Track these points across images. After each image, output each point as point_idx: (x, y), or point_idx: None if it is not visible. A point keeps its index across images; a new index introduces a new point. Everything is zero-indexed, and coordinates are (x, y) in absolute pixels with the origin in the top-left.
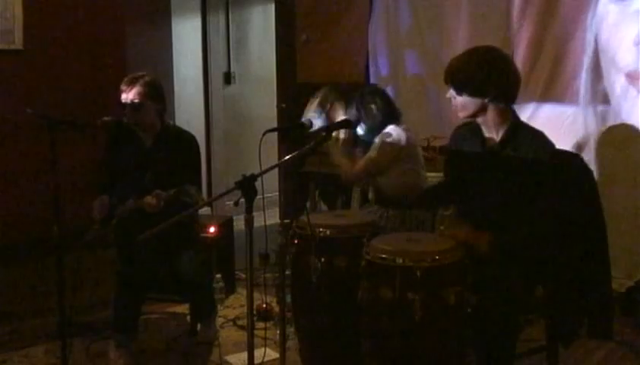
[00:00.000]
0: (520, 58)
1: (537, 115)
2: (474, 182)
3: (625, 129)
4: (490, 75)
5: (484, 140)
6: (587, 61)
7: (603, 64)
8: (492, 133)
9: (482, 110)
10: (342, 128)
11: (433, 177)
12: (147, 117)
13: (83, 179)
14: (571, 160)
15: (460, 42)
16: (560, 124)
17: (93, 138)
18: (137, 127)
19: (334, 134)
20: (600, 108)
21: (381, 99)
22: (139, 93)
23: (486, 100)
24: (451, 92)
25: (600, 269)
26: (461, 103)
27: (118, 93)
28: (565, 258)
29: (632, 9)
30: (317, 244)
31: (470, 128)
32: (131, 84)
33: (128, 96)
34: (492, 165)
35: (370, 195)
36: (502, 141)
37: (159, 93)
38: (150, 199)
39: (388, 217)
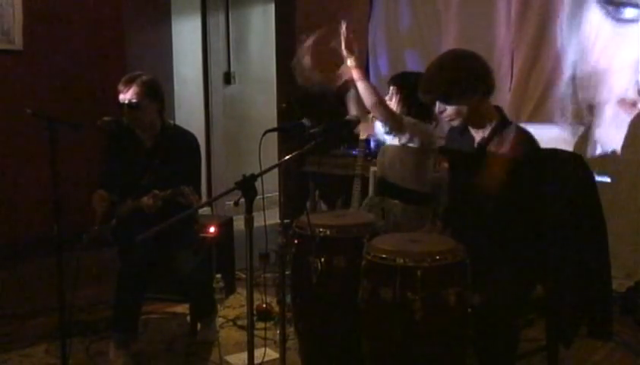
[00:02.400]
0: (517, 65)
1: None
2: (465, 180)
3: (625, 129)
4: (471, 68)
5: (473, 138)
6: (565, 80)
7: (586, 83)
8: (479, 132)
9: (475, 111)
10: (342, 128)
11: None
12: (146, 117)
13: (83, 180)
14: (571, 160)
15: (460, 42)
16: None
17: (93, 138)
18: (137, 127)
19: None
20: (578, 127)
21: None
22: (136, 93)
23: (476, 97)
24: (439, 106)
25: (600, 269)
26: (456, 111)
27: (117, 92)
28: (566, 257)
29: (632, 31)
30: (317, 244)
31: (460, 129)
32: (129, 83)
33: (126, 96)
34: (480, 162)
35: (372, 187)
36: (488, 138)
37: (157, 93)
38: (146, 200)
39: (390, 209)
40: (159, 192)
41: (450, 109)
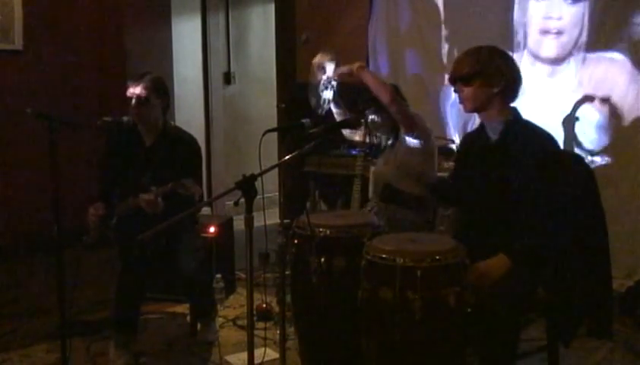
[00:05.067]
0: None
1: None
2: (476, 180)
3: (626, 130)
4: (500, 65)
5: (488, 138)
6: None
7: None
8: (494, 131)
9: (488, 103)
10: (343, 128)
11: None
12: (152, 113)
13: (83, 180)
14: (572, 160)
15: (460, 42)
16: None
17: (93, 138)
18: (141, 123)
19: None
20: None
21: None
22: (145, 89)
23: (495, 90)
24: (458, 85)
25: (600, 269)
26: (471, 94)
27: (121, 91)
28: (566, 257)
29: None
30: (317, 244)
31: (478, 131)
32: (138, 79)
33: (135, 91)
34: (491, 162)
35: (370, 192)
36: (500, 137)
37: (164, 91)
38: (146, 196)
39: (397, 220)
40: (156, 187)
41: (467, 91)
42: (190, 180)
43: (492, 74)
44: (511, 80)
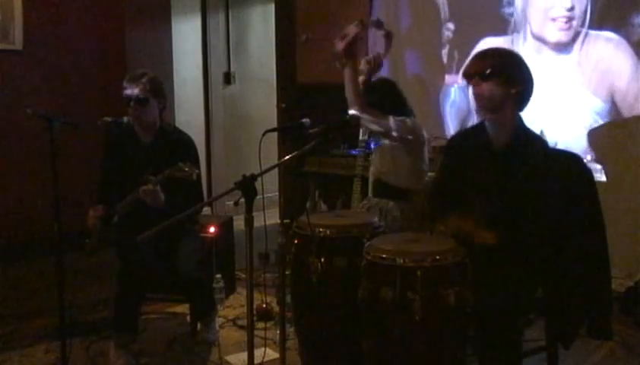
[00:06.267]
0: None
1: None
2: (478, 184)
3: (627, 129)
4: (521, 68)
5: (490, 142)
6: None
7: None
8: (499, 135)
9: (502, 104)
10: (342, 128)
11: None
12: (151, 113)
13: (83, 180)
14: (571, 160)
15: (460, 42)
16: None
17: (93, 138)
18: (139, 123)
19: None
20: None
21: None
22: (144, 89)
23: (513, 91)
24: (476, 80)
25: (600, 269)
26: (487, 90)
27: (120, 90)
28: (565, 258)
29: None
30: (317, 244)
31: (475, 131)
32: (136, 80)
33: (134, 91)
34: (498, 167)
35: (370, 190)
36: (509, 143)
37: (161, 90)
38: (144, 187)
39: (388, 210)
40: (153, 177)
41: (485, 87)
42: (187, 164)
43: (511, 75)
44: (526, 87)
